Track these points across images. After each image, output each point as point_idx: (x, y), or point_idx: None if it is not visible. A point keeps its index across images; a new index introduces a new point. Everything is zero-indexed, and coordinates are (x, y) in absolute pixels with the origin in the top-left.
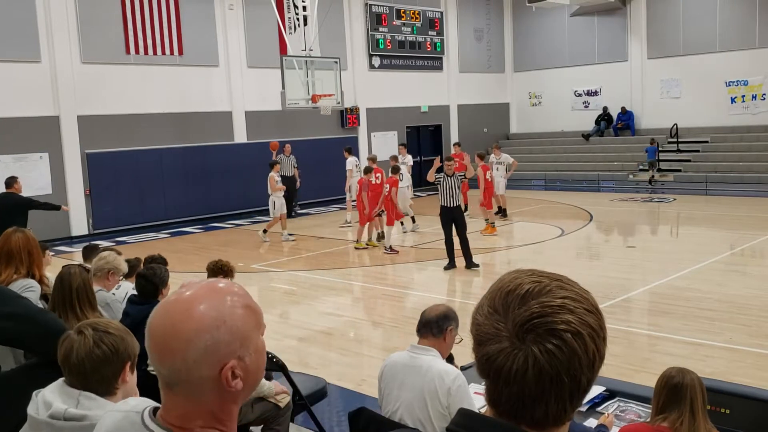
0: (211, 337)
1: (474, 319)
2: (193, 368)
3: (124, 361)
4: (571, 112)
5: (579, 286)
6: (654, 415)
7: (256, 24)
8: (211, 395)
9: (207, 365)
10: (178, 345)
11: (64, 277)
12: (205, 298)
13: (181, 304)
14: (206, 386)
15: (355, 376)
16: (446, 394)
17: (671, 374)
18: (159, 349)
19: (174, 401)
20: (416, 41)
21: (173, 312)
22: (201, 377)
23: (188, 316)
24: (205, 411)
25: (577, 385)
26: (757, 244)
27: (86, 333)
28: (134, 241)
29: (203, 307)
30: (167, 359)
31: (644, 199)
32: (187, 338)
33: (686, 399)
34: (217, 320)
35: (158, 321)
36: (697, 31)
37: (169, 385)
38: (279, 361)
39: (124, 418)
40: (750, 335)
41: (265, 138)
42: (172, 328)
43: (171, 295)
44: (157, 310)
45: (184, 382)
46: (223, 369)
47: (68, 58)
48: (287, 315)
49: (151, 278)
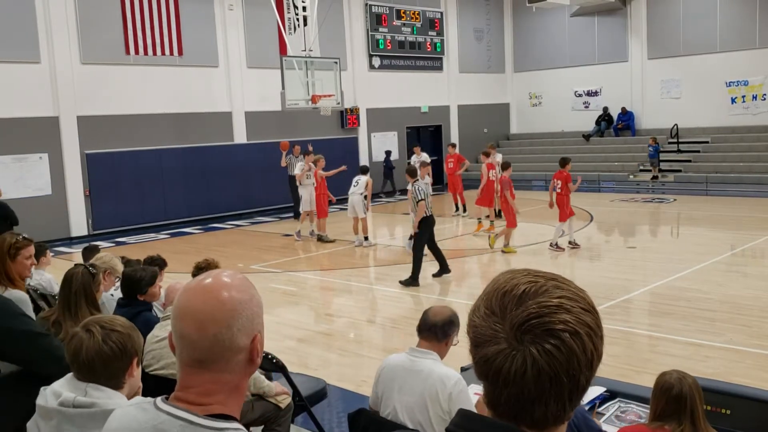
0: (249, 308)
1: (471, 320)
2: (236, 336)
3: (132, 356)
4: (571, 112)
5: (575, 285)
6: (652, 419)
7: (256, 24)
8: (239, 367)
9: (246, 334)
10: (223, 316)
11: (67, 278)
12: (233, 279)
13: (216, 284)
14: (241, 357)
15: (355, 377)
16: (447, 399)
17: (670, 383)
18: (199, 324)
19: (198, 379)
20: (416, 41)
21: (212, 290)
22: (240, 347)
23: (228, 291)
24: (229, 385)
25: (576, 385)
26: (758, 244)
27: (94, 331)
28: (134, 241)
29: (237, 286)
30: (210, 331)
31: (645, 200)
32: (231, 308)
33: (686, 409)
34: (250, 294)
35: (199, 299)
36: (698, 31)
37: (201, 362)
38: (279, 362)
39: (136, 408)
40: (750, 336)
41: (265, 139)
42: (217, 301)
43: (192, 282)
44: (189, 294)
45: (222, 355)
46: (254, 339)
47: (68, 58)
48: (287, 316)
49: (132, 278)
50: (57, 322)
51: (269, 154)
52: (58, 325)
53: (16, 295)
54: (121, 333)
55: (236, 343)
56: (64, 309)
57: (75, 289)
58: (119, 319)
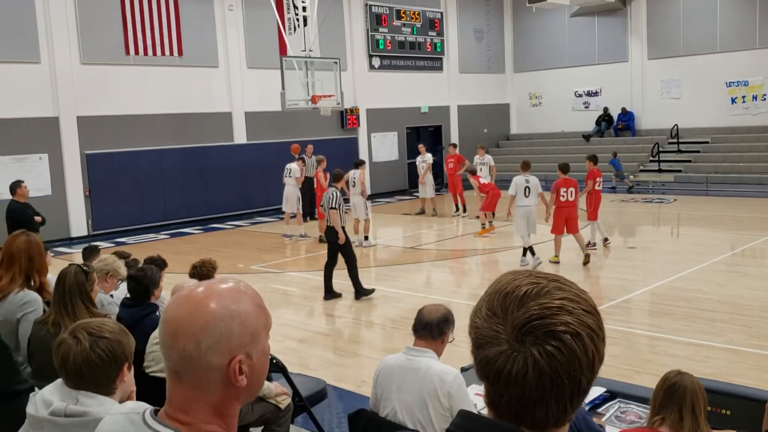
0: (226, 326)
1: (472, 321)
2: (204, 354)
3: (122, 362)
4: (571, 112)
5: (576, 286)
6: (652, 415)
7: (256, 24)
8: (216, 387)
9: (218, 353)
10: (193, 330)
11: (60, 278)
12: (222, 292)
13: (199, 294)
14: (214, 376)
15: (355, 377)
16: (447, 396)
17: (669, 375)
18: (172, 334)
19: (178, 392)
20: (416, 42)
21: (192, 300)
22: (211, 365)
23: (206, 305)
24: (207, 403)
25: (577, 386)
26: (758, 244)
27: (81, 338)
28: (134, 242)
29: (220, 299)
30: (180, 343)
31: (645, 200)
32: (203, 324)
33: (687, 400)
34: (233, 312)
35: (175, 308)
36: (698, 31)
37: (177, 373)
38: (279, 363)
39: (124, 418)
40: (750, 336)
41: (265, 139)
42: (189, 314)
43: (185, 290)
44: (174, 300)
45: (193, 370)
46: (232, 361)
47: (68, 58)
48: (287, 316)
49: (141, 279)
50: (56, 323)
51: (269, 155)
52: (57, 326)
53: (31, 295)
54: (109, 340)
55: (205, 360)
56: (60, 308)
57: (69, 287)
58: (108, 323)
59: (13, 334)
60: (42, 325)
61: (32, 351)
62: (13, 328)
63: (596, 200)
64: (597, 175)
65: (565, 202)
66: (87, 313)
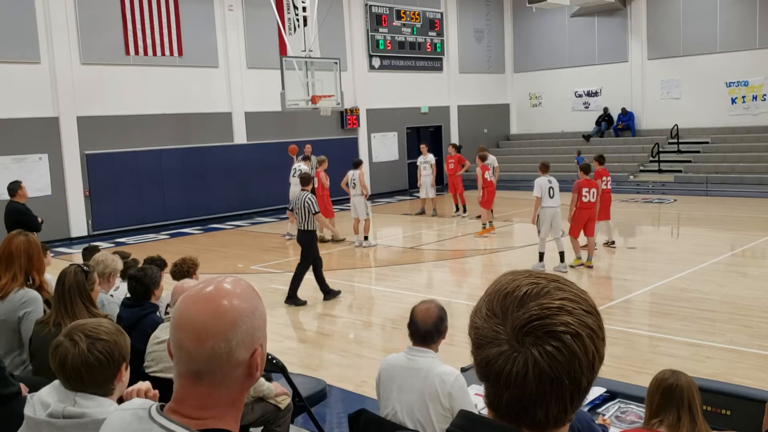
0: (250, 321)
1: (472, 322)
2: (234, 350)
3: (119, 363)
4: (571, 112)
5: (576, 286)
6: (648, 418)
7: (256, 25)
8: (237, 381)
9: (245, 348)
10: (222, 329)
11: (60, 278)
12: (234, 288)
13: (216, 293)
14: (239, 371)
15: (355, 377)
16: (448, 397)
17: (664, 376)
18: (197, 338)
19: (195, 392)
20: (416, 42)
21: (212, 300)
22: (239, 362)
23: (230, 303)
24: (226, 399)
25: (577, 387)
26: (758, 245)
27: (78, 340)
28: (133, 242)
29: (238, 296)
30: (208, 344)
31: (645, 200)
32: (231, 321)
33: (683, 401)
34: (252, 306)
35: (198, 308)
36: (698, 31)
37: (198, 374)
38: (279, 363)
39: (131, 414)
40: (751, 336)
41: (265, 139)
42: (216, 314)
43: (193, 290)
44: (190, 304)
45: (220, 368)
46: (254, 353)
47: (68, 59)
48: (287, 316)
49: (142, 279)
50: (57, 323)
51: (269, 155)
52: (59, 326)
53: (31, 294)
54: (107, 341)
55: (235, 357)
56: (60, 308)
57: (68, 287)
58: (105, 324)
59: (14, 332)
60: (44, 325)
61: (33, 351)
62: (15, 327)
63: (606, 199)
64: (604, 174)
65: (587, 203)
66: (86, 313)
